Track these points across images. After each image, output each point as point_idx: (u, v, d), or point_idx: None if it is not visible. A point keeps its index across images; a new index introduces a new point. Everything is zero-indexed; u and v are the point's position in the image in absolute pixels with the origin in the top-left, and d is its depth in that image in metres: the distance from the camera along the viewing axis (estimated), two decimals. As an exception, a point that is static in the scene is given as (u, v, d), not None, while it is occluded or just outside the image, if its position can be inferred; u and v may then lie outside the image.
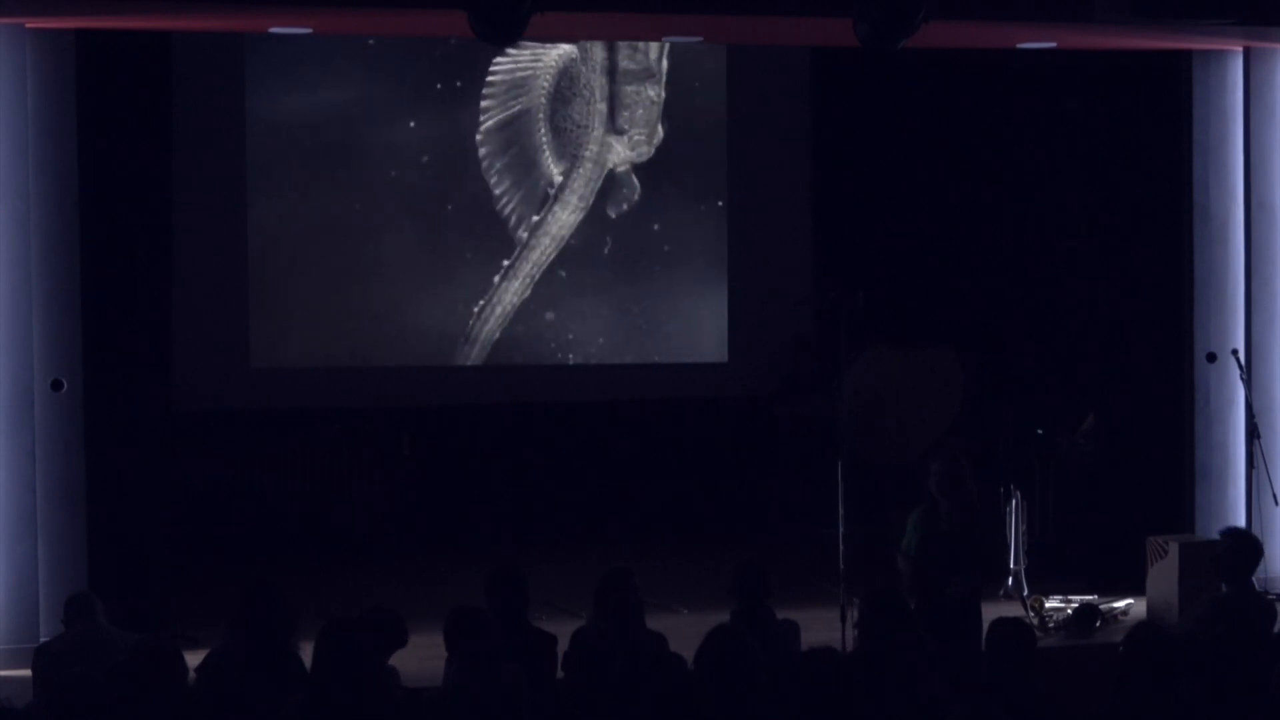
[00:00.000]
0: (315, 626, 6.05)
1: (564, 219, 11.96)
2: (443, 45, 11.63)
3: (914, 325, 11.27)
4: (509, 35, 8.39)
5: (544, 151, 11.92)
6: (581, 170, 11.96)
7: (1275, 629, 7.03)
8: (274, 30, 9.86)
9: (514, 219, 11.89)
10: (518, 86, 11.86)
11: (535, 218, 11.91)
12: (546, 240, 11.92)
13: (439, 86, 11.76)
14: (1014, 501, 9.81)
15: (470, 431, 11.87)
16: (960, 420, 10.20)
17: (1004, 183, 11.63)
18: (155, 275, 10.01)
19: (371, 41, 11.54)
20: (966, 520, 8.40)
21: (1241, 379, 9.54)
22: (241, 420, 11.40)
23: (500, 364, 11.94)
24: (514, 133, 11.89)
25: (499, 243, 11.90)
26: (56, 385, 8.55)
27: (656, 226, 12.18)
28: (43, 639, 8.19)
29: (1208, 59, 9.74)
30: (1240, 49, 9.68)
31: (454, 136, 11.79)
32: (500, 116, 11.84)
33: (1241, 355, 9.60)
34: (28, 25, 8.48)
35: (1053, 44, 9.63)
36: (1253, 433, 9.44)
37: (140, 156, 9.72)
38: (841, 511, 8.63)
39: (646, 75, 12.08)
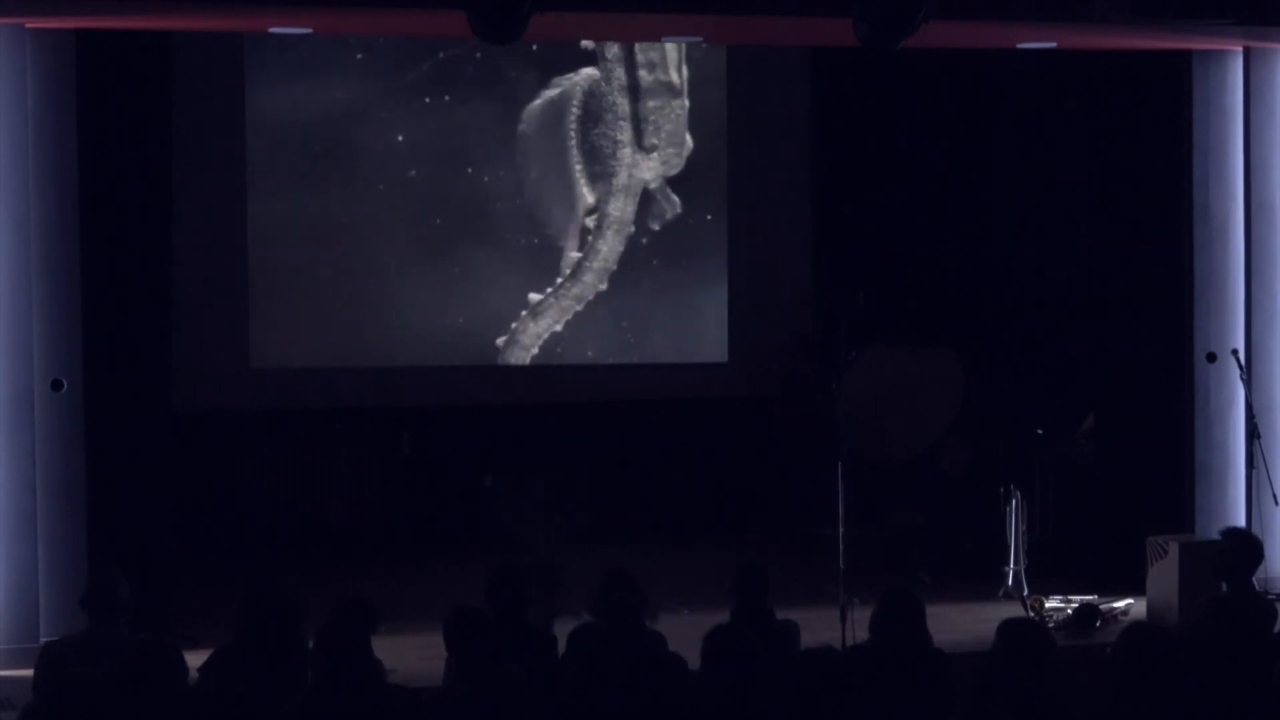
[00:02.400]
0: (314, 626, 6.05)
1: (607, 250, 11.99)
2: (444, 43, 11.63)
3: (914, 325, 11.27)
4: (509, 35, 8.38)
5: (579, 180, 11.94)
6: (616, 198, 11.97)
7: (1275, 629, 7.03)
8: (274, 30, 9.86)
9: (556, 247, 11.94)
10: (549, 120, 11.87)
11: (575, 252, 11.95)
12: (590, 277, 11.96)
13: (440, 85, 11.76)
14: (1014, 501, 9.82)
15: (470, 431, 11.87)
16: (960, 420, 10.20)
17: (1004, 183, 11.64)
18: (155, 275, 9.99)
19: (381, 41, 11.54)
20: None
21: (1241, 379, 9.55)
22: (241, 420, 11.40)
23: (500, 364, 11.94)
24: (548, 164, 11.91)
25: (500, 242, 11.91)
26: (56, 385, 8.54)
27: (656, 226, 12.18)
28: (43, 639, 8.20)
29: (1208, 59, 9.74)
30: (1240, 49, 9.68)
31: (455, 135, 11.79)
32: (535, 156, 11.88)
33: (1241, 355, 9.60)
34: (28, 25, 8.47)
35: (1053, 44, 9.63)
36: (1253, 433, 9.44)
37: (140, 156, 9.71)
38: (841, 511, 8.63)
39: (668, 89, 12.07)
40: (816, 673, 5.46)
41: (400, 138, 11.69)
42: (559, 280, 11.94)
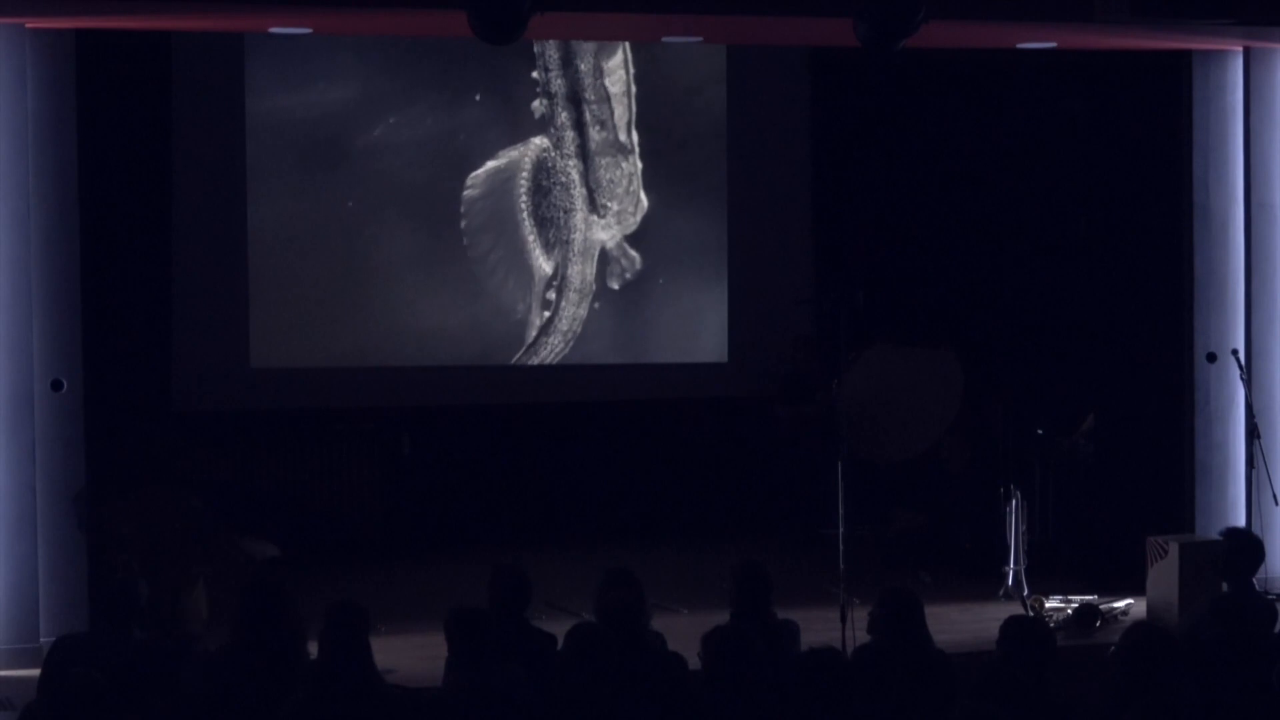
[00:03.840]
0: (314, 626, 6.06)
1: (571, 313, 11.99)
2: (443, 42, 11.63)
3: (914, 325, 11.27)
4: (509, 35, 8.38)
5: (533, 249, 11.92)
6: (574, 264, 11.96)
7: (1275, 629, 7.03)
8: (274, 30, 9.86)
9: (518, 316, 11.92)
10: (496, 190, 11.83)
11: (537, 316, 11.93)
12: (557, 338, 11.95)
13: (440, 84, 11.76)
14: (1014, 501, 9.81)
15: (470, 431, 11.87)
16: (960, 420, 10.21)
17: (1004, 183, 11.63)
18: (155, 275, 10.01)
19: (381, 41, 11.53)
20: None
21: (1241, 379, 9.55)
22: (241, 420, 11.39)
23: (499, 364, 11.94)
24: (499, 235, 11.85)
25: (499, 242, 11.93)
26: (56, 385, 8.54)
27: (656, 227, 12.18)
28: (43, 639, 8.20)
29: (1208, 59, 9.74)
30: (1240, 49, 9.68)
31: (454, 135, 11.79)
32: (485, 225, 11.82)
33: (1241, 355, 9.60)
34: (28, 25, 8.47)
35: (1053, 44, 9.64)
36: (1253, 433, 9.44)
37: (140, 156, 9.73)
38: (841, 511, 8.63)
39: (618, 150, 12.05)
40: (817, 673, 5.46)
41: (401, 137, 11.69)
42: (520, 351, 11.95)
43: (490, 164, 11.79)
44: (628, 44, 11.90)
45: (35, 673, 7.22)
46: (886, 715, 5.67)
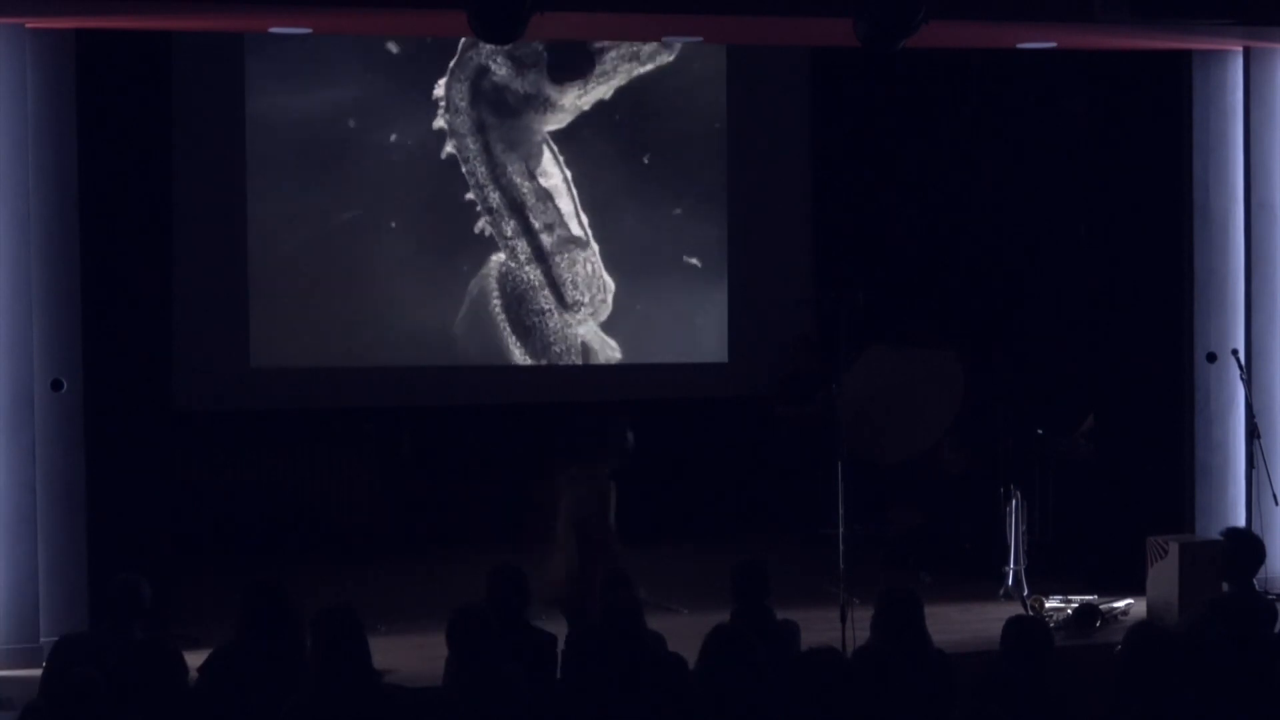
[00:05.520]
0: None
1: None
2: (444, 42, 11.63)
3: (914, 325, 11.27)
4: (509, 35, 8.39)
5: (516, 357, 11.97)
6: (554, 354, 12.02)
7: (1275, 629, 7.03)
8: (274, 30, 9.86)
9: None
10: (476, 307, 11.87)
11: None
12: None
13: (440, 84, 11.76)
14: (1014, 501, 9.82)
15: (470, 431, 11.87)
16: (961, 420, 10.21)
17: (1004, 183, 11.64)
18: (155, 275, 10.00)
19: (392, 46, 11.54)
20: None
21: (1241, 379, 9.55)
22: (241, 420, 11.39)
23: (500, 363, 11.94)
24: (485, 344, 11.92)
25: (499, 242, 11.92)
26: (56, 385, 8.54)
27: (656, 226, 12.18)
28: (43, 639, 8.20)
29: (1208, 59, 9.74)
30: (1240, 49, 9.68)
31: (455, 135, 11.78)
32: (472, 339, 11.88)
33: (1241, 355, 9.61)
34: (28, 25, 8.47)
35: (1053, 44, 9.64)
36: (1253, 433, 9.44)
37: (140, 156, 9.71)
38: (841, 511, 8.63)
39: (573, 243, 12.03)
40: (817, 673, 5.46)
41: (401, 137, 11.69)
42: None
43: (470, 295, 11.85)
44: (549, 141, 11.87)
45: (36, 672, 7.26)
46: (886, 715, 5.66)
